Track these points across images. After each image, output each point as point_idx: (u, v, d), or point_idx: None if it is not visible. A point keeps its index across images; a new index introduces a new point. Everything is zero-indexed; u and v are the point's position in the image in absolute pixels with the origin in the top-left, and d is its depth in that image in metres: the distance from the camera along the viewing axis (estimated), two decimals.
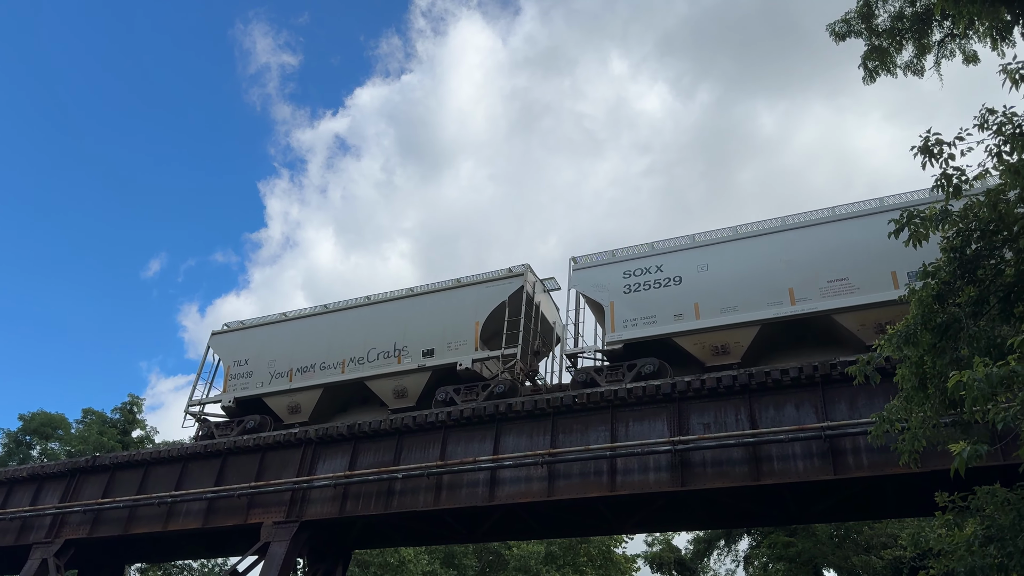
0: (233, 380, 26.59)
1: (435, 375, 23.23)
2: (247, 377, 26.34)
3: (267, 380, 25.85)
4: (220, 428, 25.97)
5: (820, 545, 38.85)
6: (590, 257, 23.26)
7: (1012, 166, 9.17)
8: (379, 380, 23.95)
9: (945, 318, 9.90)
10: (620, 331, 21.13)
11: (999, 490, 10.67)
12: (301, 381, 25.14)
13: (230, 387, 26.51)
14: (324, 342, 25.42)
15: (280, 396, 25.48)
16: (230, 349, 27.55)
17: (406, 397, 23.70)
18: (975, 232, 10.11)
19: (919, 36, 16.25)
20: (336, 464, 22.06)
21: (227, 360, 27.28)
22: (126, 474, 25.59)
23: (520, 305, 23.18)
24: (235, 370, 26.77)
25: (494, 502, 19.44)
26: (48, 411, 56.75)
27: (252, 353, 26.77)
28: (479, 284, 24.01)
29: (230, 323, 28.62)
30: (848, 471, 16.32)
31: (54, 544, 24.94)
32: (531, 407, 19.94)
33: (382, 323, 24.75)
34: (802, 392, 17.57)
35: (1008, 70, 9.63)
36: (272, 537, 21.26)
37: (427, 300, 24.65)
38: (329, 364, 24.85)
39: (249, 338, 27.43)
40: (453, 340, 23.15)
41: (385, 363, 23.94)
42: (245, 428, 25.20)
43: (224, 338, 28.16)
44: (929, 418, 10.07)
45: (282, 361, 25.86)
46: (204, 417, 26.83)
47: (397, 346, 23.96)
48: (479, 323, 23.06)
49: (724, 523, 29.78)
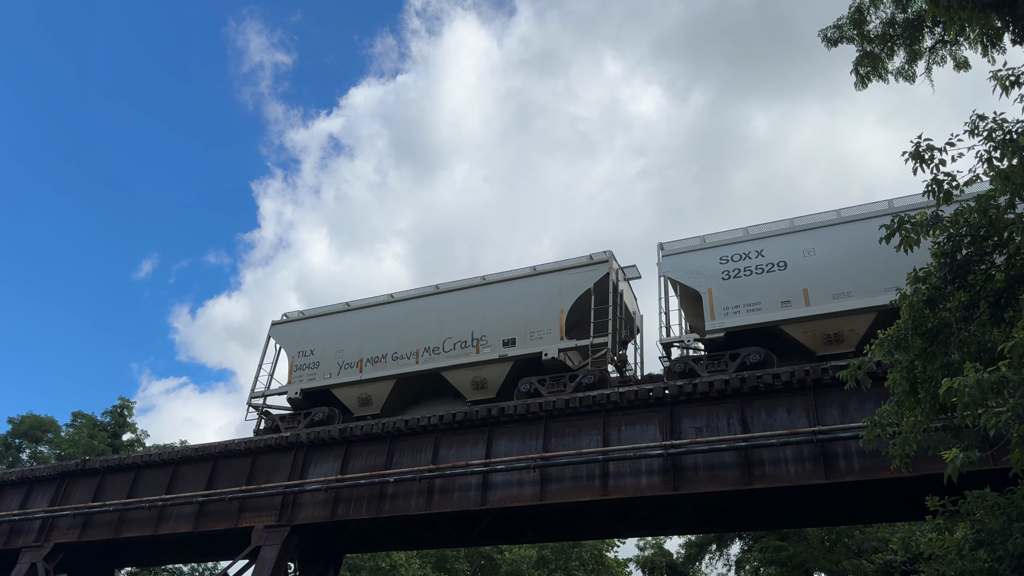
0: (299, 371, 25.67)
1: (516, 365, 22.54)
2: (314, 368, 25.43)
3: (335, 371, 24.99)
4: (286, 421, 25.13)
5: (811, 549, 38.91)
6: (679, 243, 22.48)
7: (1002, 172, 9.20)
8: (456, 371, 23.21)
9: (936, 323, 9.93)
10: (721, 319, 20.21)
11: (989, 494, 10.73)
12: (372, 372, 24.27)
13: (295, 378, 25.57)
14: (395, 332, 24.60)
15: (350, 387, 24.66)
16: (293, 339, 26.58)
17: (485, 388, 22.98)
18: (966, 237, 10.15)
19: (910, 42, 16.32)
20: (328, 468, 21.99)
21: (291, 350, 26.36)
22: (116, 477, 25.45)
23: (606, 292, 22.48)
24: (300, 361, 25.83)
25: (486, 506, 19.41)
26: (38, 414, 56.57)
27: (318, 343, 25.85)
28: (561, 271, 23.27)
29: (289, 313, 27.82)
30: (840, 475, 16.35)
31: (43, 548, 24.78)
32: (523, 411, 19.92)
33: (457, 312, 24.01)
34: (794, 396, 17.61)
35: (998, 76, 9.69)
36: (263, 541, 21.17)
37: (505, 288, 23.93)
38: (402, 354, 24.05)
39: (314, 328, 26.49)
40: (536, 329, 22.44)
41: (462, 353, 23.21)
42: (313, 420, 24.32)
43: (286, 328, 27.24)
44: (920, 423, 10.10)
45: (351, 351, 25.00)
46: (267, 410, 25.99)
47: (475, 335, 23.24)
48: (563, 311, 22.33)
49: (716, 527, 29.78)
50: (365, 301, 26.42)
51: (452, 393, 24.03)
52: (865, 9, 16.52)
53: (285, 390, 25.60)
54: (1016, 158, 9.08)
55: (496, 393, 22.78)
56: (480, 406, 20.83)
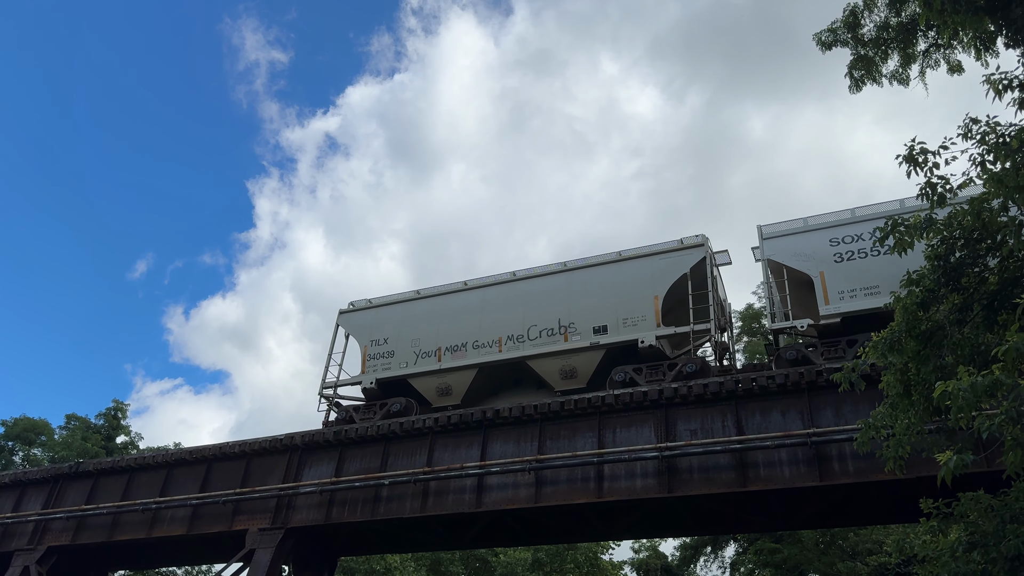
0: (372, 360, 24.76)
1: (609, 354, 21.78)
2: (388, 357, 24.53)
3: (412, 360, 24.12)
4: (361, 412, 24.24)
5: (806, 551, 38.93)
6: (779, 225, 21.54)
7: (995, 175, 9.25)
8: (543, 360, 22.41)
9: (929, 325, 9.97)
10: (836, 303, 19.29)
11: (983, 496, 10.76)
12: (452, 361, 23.50)
13: (369, 368, 24.68)
14: (475, 319, 23.82)
15: (428, 377, 23.84)
16: (365, 328, 25.73)
17: (575, 378, 22.14)
18: (959, 240, 10.19)
19: (904, 46, 16.38)
20: (322, 470, 21.96)
21: (362, 339, 25.52)
22: (110, 480, 25.38)
23: (704, 277, 21.76)
24: (373, 350, 24.94)
25: (481, 508, 19.40)
26: (31, 416, 56.46)
27: (392, 332, 25.01)
28: (655, 255, 22.47)
29: (355, 301, 26.97)
30: (834, 477, 16.39)
31: (36, 551, 24.69)
32: (518, 413, 19.93)
33: (542, 299, 23.24)
34: (788, 399, 17.65)
35: (991, 80, 9.73)
36: (257, 544, 21.13)
37: (592, 274, 23.17)
38: (483, 343, 23.27)
39: (386, 316, 25.66)
40: (629, 316, 21.63)
41: (549, 341, 22.42)
42: (390, 411, 23.51)
43: (355, 317, 26.42)
44: (914, 425, 10.13)
45: (428, 340, 24.20)
46: (337, 401, 25.27)
47: (562, 323, 22.46)
48: (659, 297, 21.55)
49: (711, 529, 29.81)
50: (438, 288, 25.70)
51: (535, 383, 23.36)
52: (859, 13, 16.58)
53: (359, 380, 24.74)
54: (1009, 161, 9.13)
55: (587, 383, 22.01)
56: (475, 408, 20.84)
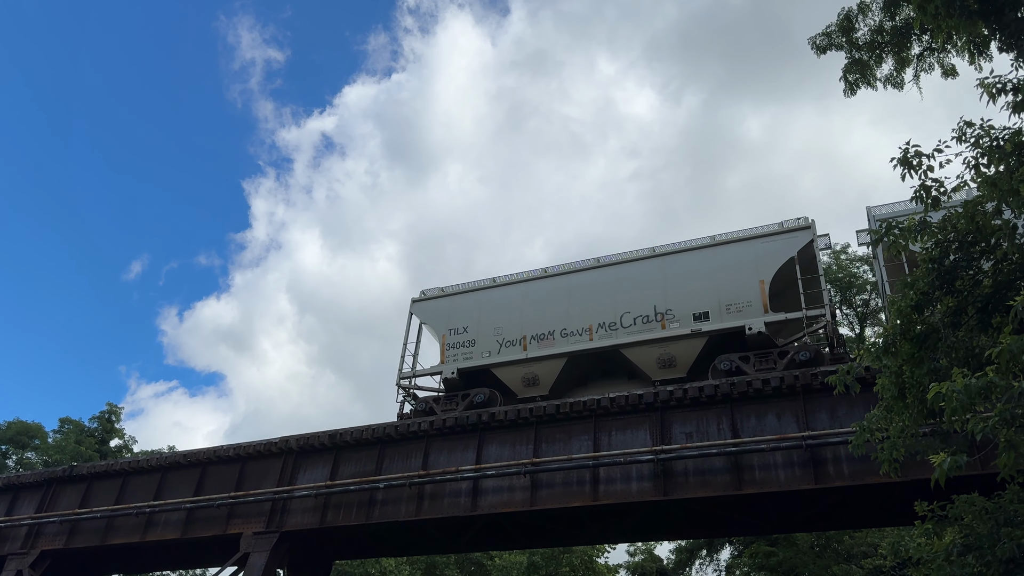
0: (452, 350, 24.04)
1: (710, 342, 21.09)
2: (469, 346, 23.81)
3: (495, 349, 23.35)
4: (442, 403, 23.46)
5: (801, 554, 38.93)
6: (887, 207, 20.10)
7: (989, 178, 9.28)
8: (638, 348, 21.60)
9: (924, 328, 9.99)
10: None
11: (978, 499, 10.77)
12: (539, 350, 22.71)
13: (449, 357, 23.99)
14: (562, 307, 23.01)
15: (513, 367, 23.06)
16: (441, 316, 25.02)
17: (674, 367, 21.42)
18: (953, 243, 10.22)
19: (899, 50, 16.45)
20: (317, 474, 21.91)
21: (439, 328, 24.79)
22: (104, 484, 25.29)
23: (812, 260, 20.98)
24: (452, 339, 24.19)
25: (476, 512, 19.37)
26: (24, 420, 56.30)
27: (472, 320, 24.27)
28: (758, 239, 21.64)
29: (427, 290, 26.34)
30: (829, 480, 16.40)
31: (29, 555, 24.59)
32: (514, 416, 19.91)
33: (635, 285, 22.39)
34: (783, 401, 17.66)
35: (985, 84, 9.77)
36: (252, 547, 21.07)
37: (690, 258, 22.42)
38: (572, 331, 22.49)
39: (464, 304, 24.89)
40: (732, 301, 20.87)
41: (645, 329, 21.61)
42: (473, 402, 22.76)
43: (430, 305, 25.70)
44: (908, 427, 10.14)
45: (511, 328, 23.43)
46: (413, 391, 24.65)
47: (658, 309, 21.66)
48: (764, 282, 20.73)
49: (706, 532, 29.82)
50: (518, 276, 25.06)
51: (626, 373, 22.66)
52: (854, 17, 16.65)
53: (439, 370, 24.02)
54: (1003, 164, 9.16)
55: (687, 372, 21.31)
56: (471, 411, 20.81)
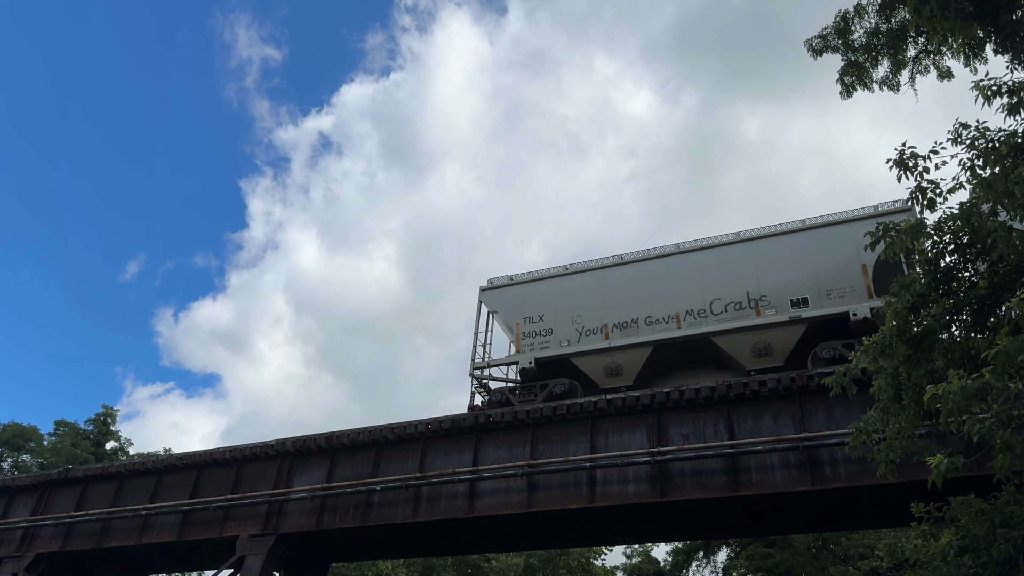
0: (528, 339, 23.28)
1: (810, 328, 20.32)
2: (546, 335, 23.08)
3: (574, 338, 22.65)
4: (519, 394, 22.66)
5: (798, 556, 39.01)
6: None
7: (985, 180, 9.31)
8: (731, 336, 20.89)
9: (920, 330, 10.01)
10: None
11: (974, 501, 10.79)
12: (622, 339, 21.93)
13: (525, 347, 23.23)
14: (646, 294, 22.28)
15: (595, 356, 22.29)
16: (515, 305, 24.30)
17: (770, 355, 20.67)
18: (949, 245, 10.25)
19: (894, 52, 16.51)
20: (313, 476, 21.88)
21: (512, 317, 24.10)
22: (99, 487, 25.23)
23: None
24: (528, 328, 23.47)
25: (473, 514, 19.35)
26: (20, 422, 56.10)
27: (548, 308, 23.54)
28: (857, 221, 20.77)
29: (495, 278, 25.57)
30: (826, 482, 16.41)
31: (24, 558, 24.51)
32: (511, 418, 19.90)
33: (724, 270, 21.75)
34: (780, 403, 17.68)
35: (980, 86, 9.80)
36: (248, 550, 21.02)
37: (783, 243, 21.70)
38: (657, 318, 21.79)
39: (539, 292, 24.18)
40: (833, 287, 20.16)
41: (737, 316, 20.92)
42: (552, 393, 21.96)
43: (502, 294, 24.92)
44: (905, 429, 10.16)
45: (591, 316, 22.70)
46: (485, 382, 23.97)
47: (751, 295, 21.00)
48: (867, 266, 19.95)
49: (703, 534, 29.84)
50: (595, 263, 24.24)
51: (714, 362, 22.04)
52: (850, 19, 16.71)
53: (515, 360, 23.25)
54: (998, 166, 9.19)
55: (784, 360, 20.60)
56: (467, 413, 20.79)
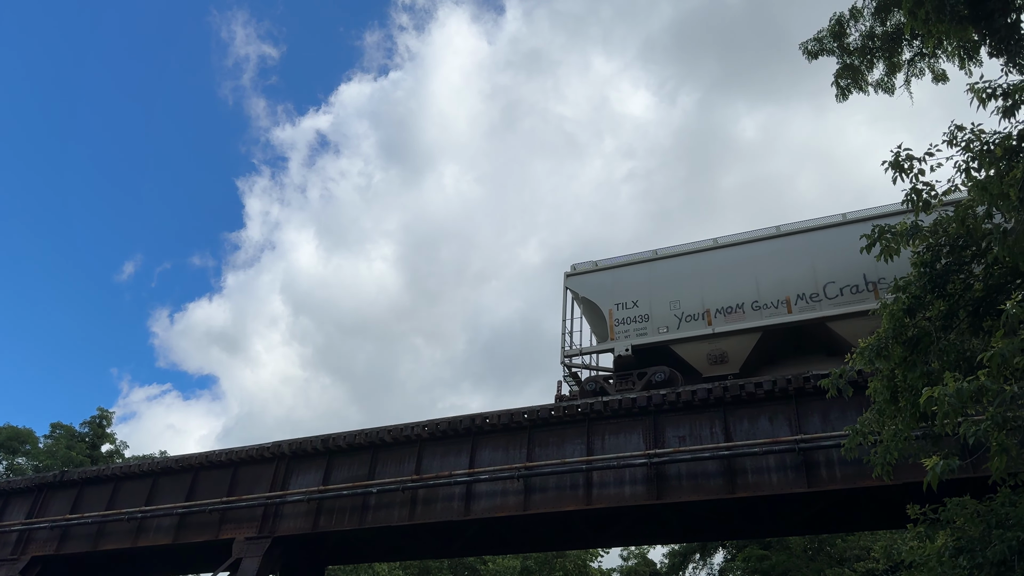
0: (622, 326, 22.55)
1: None
2: (642, 322, 22.36)
3: (673, 324, 21.96)
4: (616, 383, 21.96)
5: (794, 558, 39.04)
6: None
7: (980, 182, 9.33)
8: (849, 321, 20.06)
9: (916, 332, 10.04)
10: None
11: (969, 502, 10.83)
12: (726, 324, 21.29)
13: (619, 334, 22.48)
14: (750, 277, 21.54)
15: (696, 343, 21.65)
16: (605, 291, 23.56)
17: None
18: (945, 247, 10.28)
19: (889, 55, 16.55)
20: (310, 479, 21.85)
21: (604, 303, 23.33)
22: (95, 489, 25.17)
23: None
24: (621, 314, 22.72)
25: (470, 516, 19.34)
26: (15, 425, 55.92)
27: (642, 294, 22.76)
28: None
29: (578, 264, 24.86)
30: (822, 484, 16.43)
31: (20, 561, 24.44)
32: (507, 420, 19.90)
33: (835, 252, 20.92)
34: (776, 405, 17.71)
35: (975, 89, 9.82)
36: (244, 553, 20.98)
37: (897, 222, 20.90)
38: (765, 303, 21.06)
39: (631, 277, 23.38)
40: None
41: (855, 300, 20.10)
42: (651, 381, 21.23)
43: (590, 279, 24.21)
44: (901, 431, 10.18)
45: (691, 301, 22.02)
46: (576, 371, 23.46)
47: (868, 278, 20.22)
48: None
49: (699, 536, 29.85)
50: (691, 246, 23.52)
51: (825, 349, 21.21)
52: (845, 22, 16.74)
53: (610, 347, 22.57)
54: (993, 169, 9.21)
55: None
56: (463, 415, 20.78)
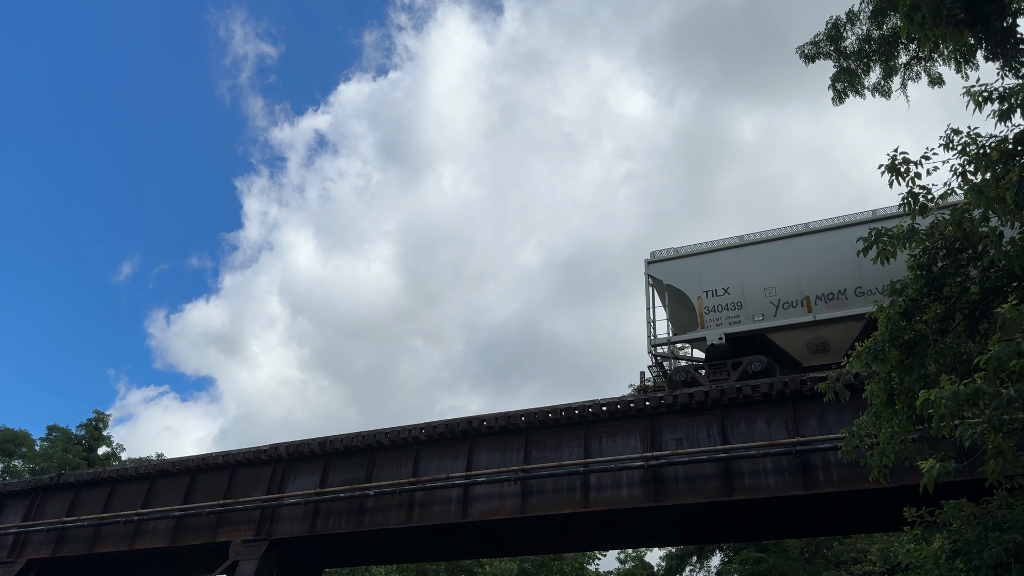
0: (712, 314, 22.14)
1: None
2: (735, 309, 21.88)
3: (769, 312, 21.44)
4: (709, 372, 21.54)
5: (791, 561, 39.02)
6: None
7: (976, 185, 9.36)
8: None
9: (912, 335, 10.06)
10: None
11: (966, 505, 10.85)
12: (828, 312, 20.73)
13: (710, 322, 22.09)
14: (851, 262, 20.44)
15: (795, 331, 21.07)
16: (692, 277, 23.04)
17: None
18: (941, 250, 10.30)
19: (886, 58, 16.60)
20: (307, 482, 21.82)
21: (692, 290, 22.85)
22: (92, 492, 25.11)
23: None
24: (711, 302, 22.28)
25: (467, 519, 19.33)
26: (11, 427, 55.83)
27: (734, 280, 22.20)
28: None
29: (658, 251, 24.26)
30: (819, 486, 16.45)
31: (16, 564, 24.37)
32: (504, 423, 19.90)
33: None
34: (773, 408, 17.73)
35: (972, 92, 9.86)
36: (241, 556, 20.94)
37: None
38: (871, 289, 20.52)
39: (720, 263, 22.85)
40: None
41: None
42: (747, 371, 20.70)
43: (675, 266, 23.60)
44: (897, 434, 10.20)
45: (788, 288, 21.47)
46: (660, 360, 22.99)
47: None
48: None
49: (696, 539, 29.83)
50: (784, 231, 22.84)
51: None
52: (841, 26, 16.80)
53: (702, 336, 22.08)
54: (989, 172, 9.24)
55: None
56: (461, 418, 20.77)
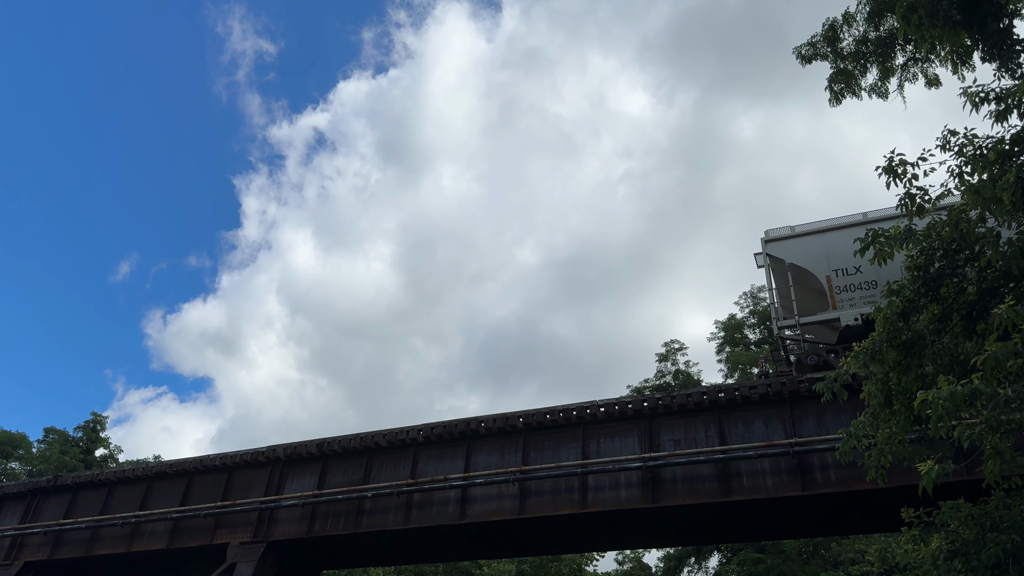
0: (844, 293, 21.42)
1: None
2: (869, 288, 21.11)
3: None
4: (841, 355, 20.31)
5: (789, 561, 39.02)
6: None
7: (973, 186, 9.37)
8: None
9: (910, 335, 10.06)
10: None
11: (964, 505, 10.84)
12: None
13: (841, 302, 21.37)
14: None
15: None
16: (819, 257, 22.26)
17: None
18: (938, 251, 10.31)
19: (883, 59, 16.59)
20: (304, 483, 21.80)
21: (819, 270, 22.11)
22: (89, 494, 25.07)
23: None
24: (841, 281, 21.50)
25: (465, 520, 19.33)
26: (8, 429, 55.76)
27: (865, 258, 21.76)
28: None
29: (771, 229, 23.54)
30: (816, 487, 16.46)
31: (13, 567, 24.33)
32: (502, 424, 19.89)
33: None
34: (770, 408, 17.74)
35: (968, 93, 9.87)
36: (239, 558, 20.92)
37: None
38: None
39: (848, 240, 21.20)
40: None
41: None
42: None
43: (797, 244, 22.77)
44: (895, 434, 10.21)
45: None
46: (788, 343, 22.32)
47: None
48: None
49: (694, 540, 29.84)
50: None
51: None
52: (838, 27, 16.80)
53: (835, 317, 21.35)
54: (986, 173, 9.25)
55: None
56: (459, 419, 20.76)
